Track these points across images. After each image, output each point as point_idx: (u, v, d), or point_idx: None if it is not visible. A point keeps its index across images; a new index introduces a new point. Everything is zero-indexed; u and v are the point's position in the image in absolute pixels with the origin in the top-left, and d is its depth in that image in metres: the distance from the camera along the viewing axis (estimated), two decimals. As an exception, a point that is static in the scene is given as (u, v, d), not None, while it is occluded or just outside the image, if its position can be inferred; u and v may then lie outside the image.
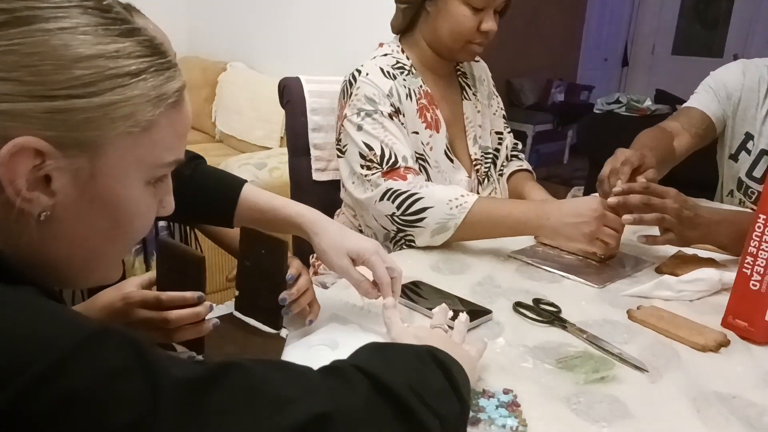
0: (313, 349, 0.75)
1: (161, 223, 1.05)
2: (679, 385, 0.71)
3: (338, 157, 1.23)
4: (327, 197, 1.46)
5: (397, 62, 1.24)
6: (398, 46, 1.27)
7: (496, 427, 0.62)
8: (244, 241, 0.80)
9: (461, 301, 0.90)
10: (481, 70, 1.43)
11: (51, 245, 0.46)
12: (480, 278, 1.00)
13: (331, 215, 1.37)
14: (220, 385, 0.39)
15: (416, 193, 1.09)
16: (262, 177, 2.46)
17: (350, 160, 1.17)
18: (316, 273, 1.30)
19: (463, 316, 0.72)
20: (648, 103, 3.13)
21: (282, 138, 2.87)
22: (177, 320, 0.68)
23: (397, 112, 1.18)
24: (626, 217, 1.01)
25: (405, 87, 1.21)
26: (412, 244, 1.12)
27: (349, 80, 1.21)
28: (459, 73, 1.37)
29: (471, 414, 0.63)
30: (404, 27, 1.28)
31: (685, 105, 1.52)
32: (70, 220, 0.46)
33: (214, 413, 0.38)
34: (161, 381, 0.37)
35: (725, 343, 0.81)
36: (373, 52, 1.28)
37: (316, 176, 1.50)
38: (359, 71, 1.20)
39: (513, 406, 0.65)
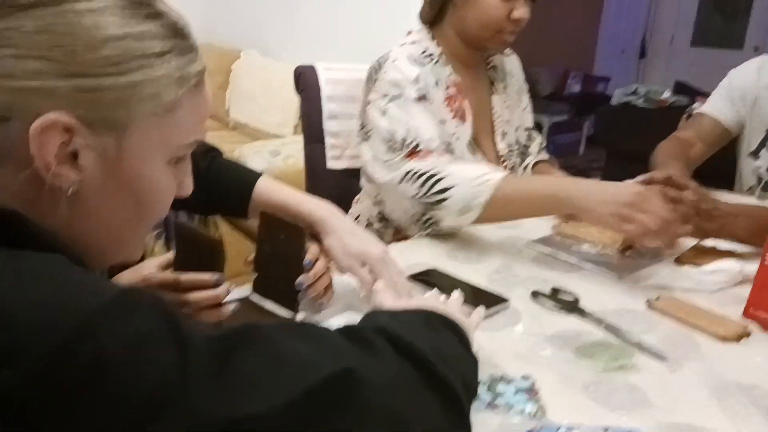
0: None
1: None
2: (699, 375, 0.71)
3: (361, 142, 1.20)
4: (342, 185, 1.46)
5: (426, 50, 1.21)
6: (428, 33, 1.24)
7: (515, 413, 0.62)
8: (263, 226, 0.80)
9: (478, 289, 0.89)
10: (512, 64, 1.40)
11: (79, 223, 0.47)
12: (497, 267, 1.00)
13: (347, 203, 1.37)
14: (247, 349, 0.39)
15: (438, 172, 1.05)
16: (276, 165, 2.47)
17: (374, 145, 1.14)
18: None
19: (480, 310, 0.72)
20: (667, 94, 3.09)
21: (296, 126, 2.87)
22: (196, 302, 0.69)
23: (424, 98, 1.14)
24: None
25: (434, 75, 1.19)
26: (437, 227, 1.09)
27: (375, 66, 1.19)
28: (489, 66, 1.35)
29: (489, 399, 0.63)
30: (432, 17, 1.24)
31: (698, 110, 1.51)
32: (97, 198, 0.47)
33: (242, 376, 0.38)
34: (190, 344, 0.37)
35: (746, 334, 0.80)
36: (402, 39, 1.25)
37: (331, 164, 1.50)
38: (386, 58, 1.18)
39: (532, 392, 0.65)
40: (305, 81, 1.48)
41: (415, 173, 1.06)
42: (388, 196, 1.14)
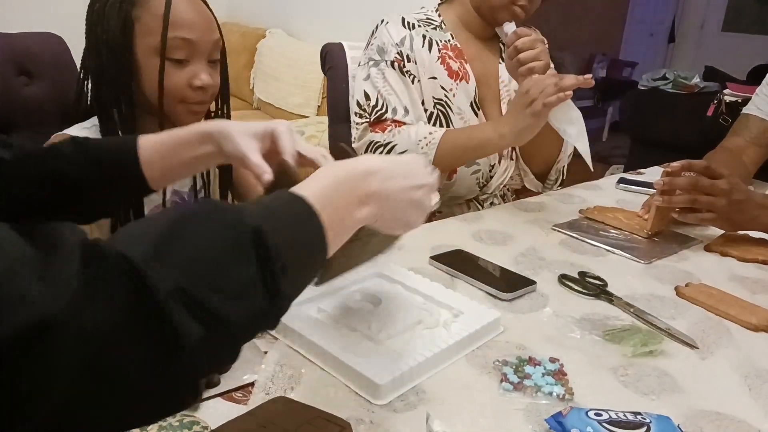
0: (353, 304, 0.75)
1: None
2: (730, 362, 0.70)
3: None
4: (366, 165, 1.46)
5: (426, 17, 1.28)
6: (435, 9, 1.30)
7: (542, 395, 0.62)
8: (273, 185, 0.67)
9: (505, 270, 0.89)
10: None
11: None
12: (523, 249, 0.99)
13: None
14: None
15: (391, 141, 1.17)
16: (299, 145, 2.47)
17: (351, 106, 1.26)
18: None
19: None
20: (696, 80, 3.01)
21: (319, 106, 2.87)
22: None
23: (405, 59, 1.21)
24: (657, 180, 1.02)
25: (425, 37, 1.23)
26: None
27: (373, 30, 1.27)
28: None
29: (516, 380, 0.63)
30: None
31: (743, 111, 1.46)
32: None
33: None
34: None
35: (778, 324, 0.79)
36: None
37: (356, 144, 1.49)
38: (383, 21, 1.25)
39: (559, 375, 0.65)
40: (332, 59, 1.47)
41: (376, 143, 1.19)
42: None
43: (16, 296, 0.31)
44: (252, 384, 0.61)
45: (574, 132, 1.06)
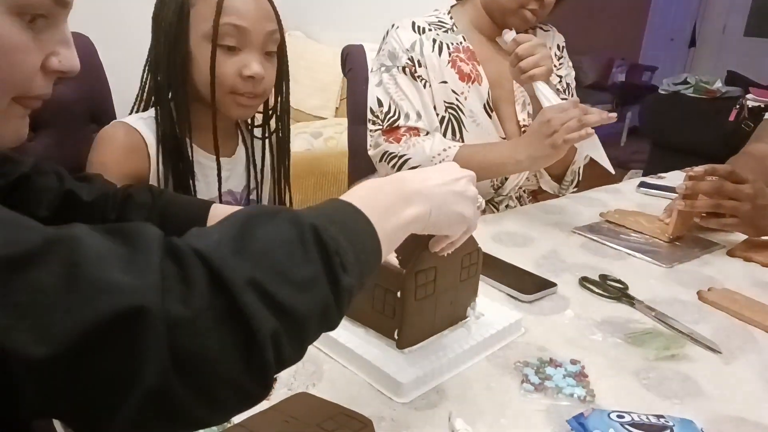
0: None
1: None
2: (754, 368, 0.69)
3: None
4: (385, 167, 1.47)
5: (438, 20, 1.27)
6: (447, 11, 1.30)
7: (564, 396, 0.62)
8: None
9: (525, 272, 0.89)
10: (547, 38, 1.38)
11: None
12: (544, 252, 0.99)
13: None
14: (39, 261, 0.32)
15: (405, 155, 1.17)
16: (317, 146, 2.49)
17: (367, 113, 1.25)
18: None
19: None
20: (718, 84, 2.98)
21: (337, 108, 2.88)
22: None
23: (415, 64, 1.21)
24: (680, 184, 1.02)
25: (435, 41, 1.23)
26: None
27: (384, 35, 1.27)
28: None
29: (537, 382, 0.63)
30: None
31: (766, 117, 1.44)
32: None
33: (26, 292, 0.32)
34: None
35: (804, 330, 0.78)
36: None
37: (375, 145, 1.50)
38: (393, 25, 1.25)
39: (581, 377, 0.64)
40: (352, 61, 1.48)
41: (390, 154, 1.19)
42: (378, 168, 1.26)
43: (106, 283, 0.33)
44: (275, 379, 0.62)
45: (587, 142, 1.04)
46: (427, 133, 1.21)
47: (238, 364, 0.36)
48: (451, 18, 1.28)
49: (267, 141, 1.04)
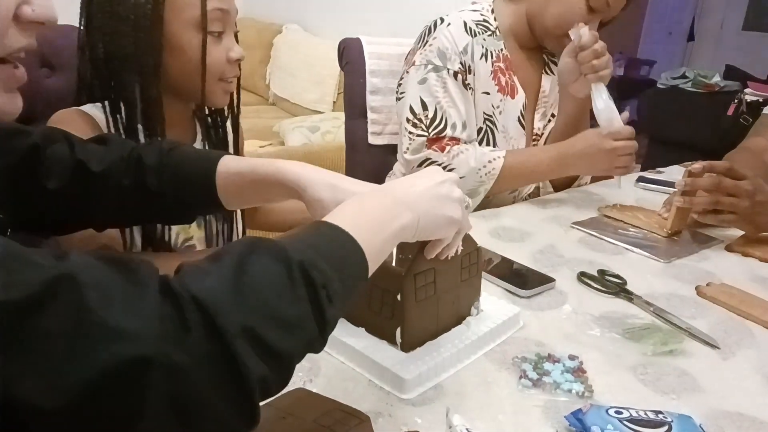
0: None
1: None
2: (752, 363, 0.69)
3: (396, 102, 1.26)
4: (382, 161, 1.46)
5: (484, 20, 1.23)
6: (490, 6, 1.26)
7: (562, 392, 0.61)
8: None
9: (523, 267, 0.88)
10: None
11: None
12: (541, 247, 0.98)
13: (385, 180, 1.37)
14: (47, 307, 0.33)
15: (450, 164, 1.14)
16: (314, 140, 2.48)
17: (401, 108, 1.20)
18: None
19: None
20: (716, 78, 2.97)
21: (335, 102, 2.87)
22: None
23: (467, 71, 1.17)
24: (679, 180, 1.02)
25: (483, 47, 1.19)
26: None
27: (430, 28, 1.20)
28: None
29: (535, 377, 0.62)
30: None
31: (764, 111, 1.44)
32: None
33: (35, 338, 0.32)
34: None
35: (802, 325, 0.78)
36: (464, 6, 1.27)
37: (372, 140, 1.49)
38: (442, 20, 1.19)
39: (579, 372, 0.64)
40: (349, 54, 1.47)
41: (432, 163, 1.15)
42: (404, 169, 1.23)
43: (111, 329, 0.34)
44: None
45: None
46: (467, 143, 1.17)
47: (229, 408, 0.38)
48: (495, 20, 1.24)
49: (229, 122, 0.96)
